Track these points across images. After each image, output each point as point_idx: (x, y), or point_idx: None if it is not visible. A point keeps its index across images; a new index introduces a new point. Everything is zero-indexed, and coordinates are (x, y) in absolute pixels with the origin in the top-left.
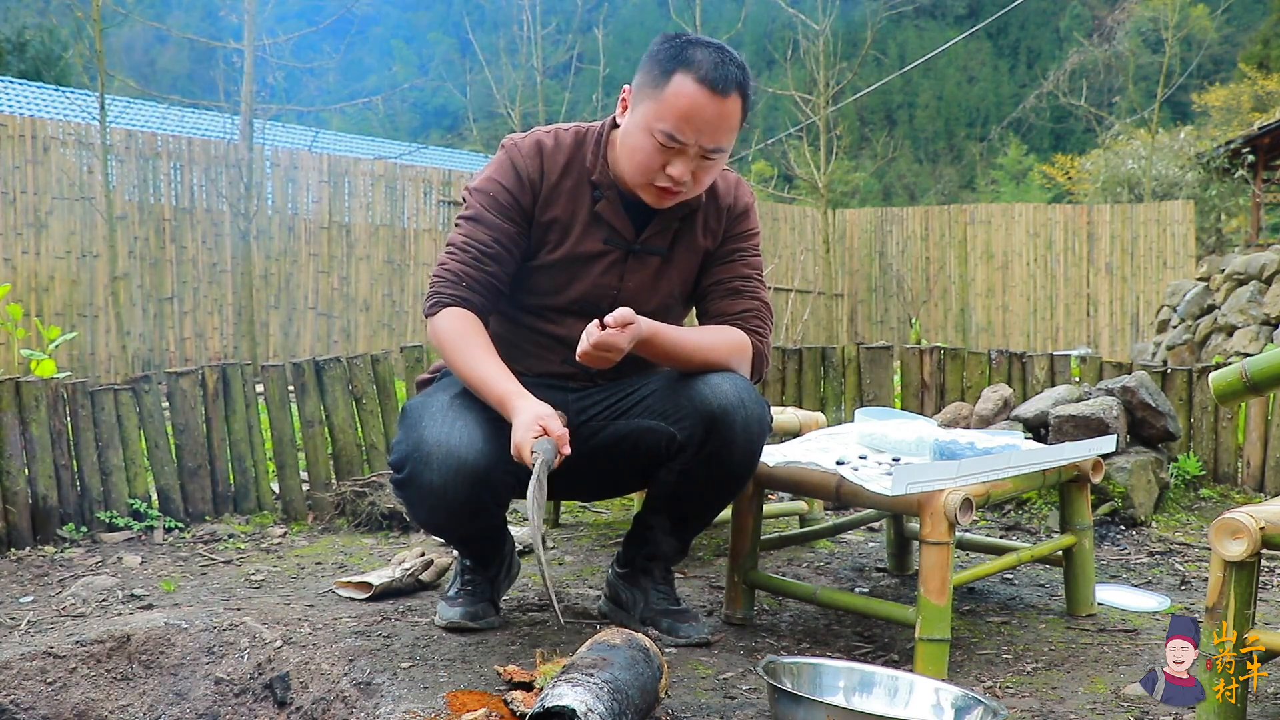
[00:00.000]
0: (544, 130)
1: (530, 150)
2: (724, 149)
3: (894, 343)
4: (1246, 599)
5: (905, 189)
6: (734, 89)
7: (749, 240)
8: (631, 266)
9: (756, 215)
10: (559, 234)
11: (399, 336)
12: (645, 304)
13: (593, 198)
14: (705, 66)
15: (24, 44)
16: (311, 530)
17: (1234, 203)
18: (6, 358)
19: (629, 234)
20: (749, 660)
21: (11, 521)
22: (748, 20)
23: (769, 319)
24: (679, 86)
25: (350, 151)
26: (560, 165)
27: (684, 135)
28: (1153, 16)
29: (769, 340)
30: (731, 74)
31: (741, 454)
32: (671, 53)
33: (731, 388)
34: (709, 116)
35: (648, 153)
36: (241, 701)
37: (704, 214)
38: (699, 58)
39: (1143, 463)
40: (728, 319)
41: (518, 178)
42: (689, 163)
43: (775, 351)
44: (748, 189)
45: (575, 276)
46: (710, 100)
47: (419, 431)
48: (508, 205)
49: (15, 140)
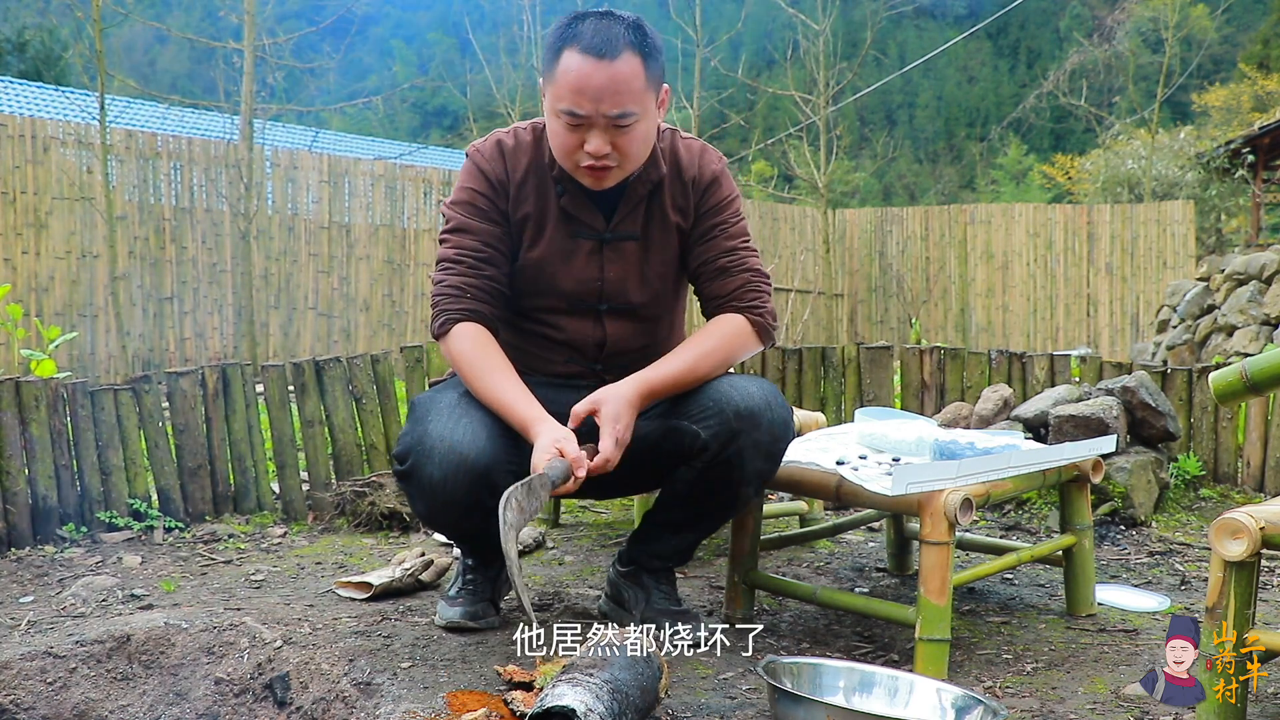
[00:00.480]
0: (504, 131)
1: (492, 153)
2: (632, 112)
3: (894, 343)
4: (1246, 599)
5: (905, 189)
6: (622, 49)
7: (726, 210)
8: (609, 256)
9: (729, 180)
10: (534, 231)
11: (399, 336)
12: (633, 294)
13: (556, 193)
14: (587, 35)
15: (24, 44)
16: (311, 530)
17: (1234, 203)
18: (6, 358)
19: (598, 224)
20: (749, 660)
21: (11, 521)
22: (748, 20)
23: (764, 286)
24: (566, 63)
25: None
26: (524, 164)
27: (582, 108)
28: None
29: (768, 306)
30: (616, 34)
31: (765, 455)
32: (558, 32)
33: (758, 390)
34: (600, 83)
35: (561, 136)
36: (241, 701)
37: (670, 190)
38: (581, 29)
39: (1143, 463)
40: (721, 302)
41: (487, 181)
42: (603, 135)
43: (775, 352)
44: (714, 155)
45: (556, 273)
46: (597, 67)
47: (424, 425)
48: (487, 209)
49: (15, 140)
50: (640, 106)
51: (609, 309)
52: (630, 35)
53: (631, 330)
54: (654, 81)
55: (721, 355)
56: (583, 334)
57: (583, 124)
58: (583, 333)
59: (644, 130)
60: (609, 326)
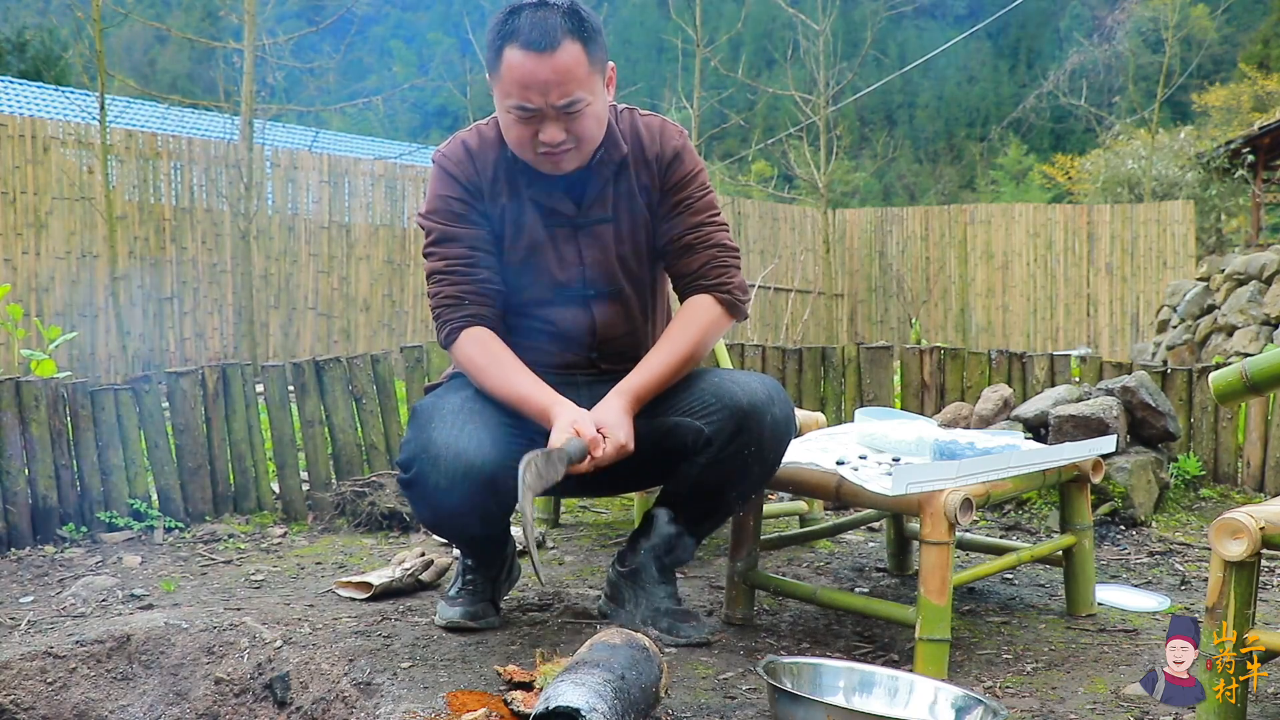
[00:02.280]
0: (466, 131)
1: (459, 155)
2: (580, 98)
3: (894, 343)
4: (1246, 599)
5: (905, 189)
6: (561, 39)
7: (691, 185)
8: (585, 241)
9: (692, 154)
10: (512, 227)
11: (399, 336)
12: (615, 276)
13: (525, 185)
14: (524, 31)
15: (24, 44)
16: (311, 530)
17: (1234, 203)
18: (6, 358)
19: (570, 210)
20: (749, 660)
21: (11, 521)
22: (748, 20)
23: (730, 260)
24: (508, 60)
25: (350, 151)
26: (491, 161)
27: (531, 102)
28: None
29: (735, 281)
30: (553, 25)
31: (769, 451)
32: (496, 30)
33: (760, 385)
34: (545, 76)
35: (514, 129)
36: (241, 701)
37: (633, 169)
38: (518, 24)
39: (1143, 463)
40: (689, 280)
41: (460, 185)
42: (555, 123)
43: (775, 352)
44: (675, 130)
45: (537, 265)
46: (539, 61)
47: (428, 432)
48: (465, 212)
49: (15, 140)
50: (588, 91)
51: (595, 294)
52: (567, 23)
53: (619, 313)
54: (598, 63)
55: (695, 342)
56: (573, 323)
57: (534, 116)
58: (573, 321)
59: (595, 111)
60: (597, 312)
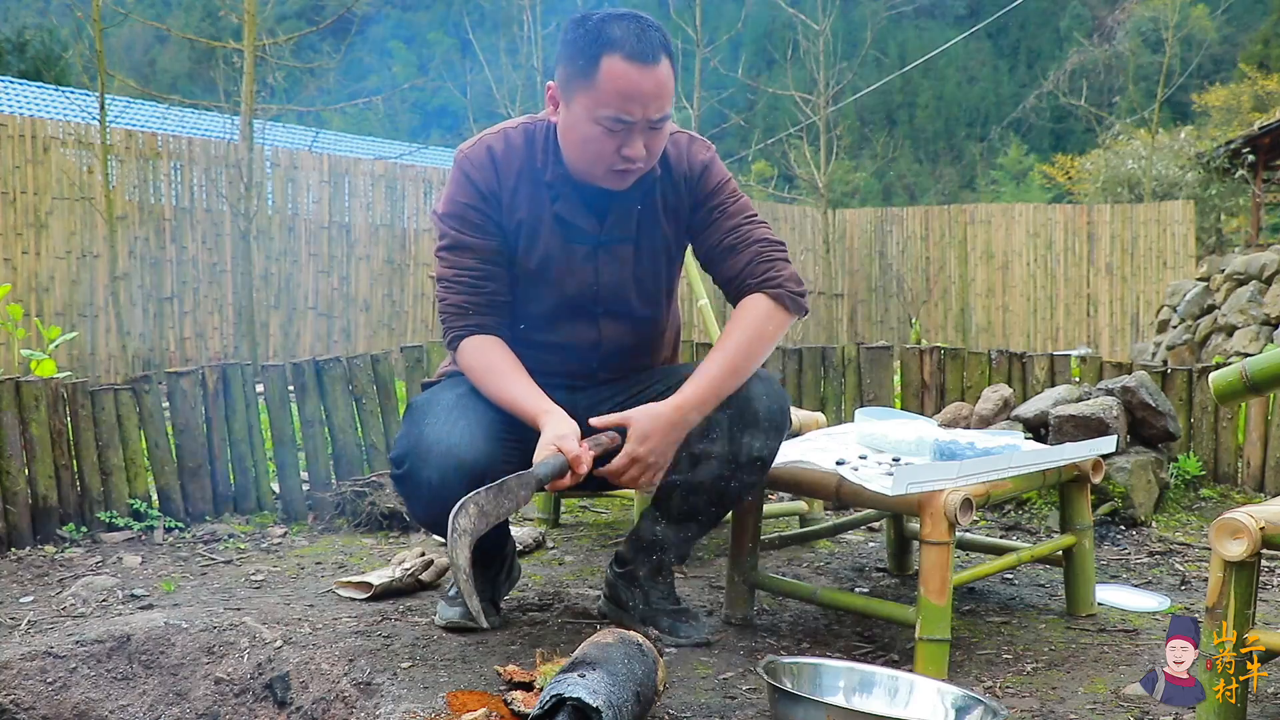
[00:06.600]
0: (493, 134)
1: (483, 161)
2: (668, 115)
3: (894, 343)
4: (1246, 599)
5: (905, 189)
6: (661, 54)
7: (722, 192)
8: (604, 260)
9: (720, 166)
10: (527, 239)
11: (399, 336)
12: (629, 297)
13: (550, 199)
14: (629, 42)
15: (24, 44)
16: (311, 530)
17: (1234, 203)
18: (6, 358)
19: (592, 228)
20: (749, 660)
21: (11, 521)
22: (748, 20)
23: (776, 253)
24: (610, 69)
25: (350, 151)
26: (515, 170)
27: (631, 114)
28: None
29: (786, 273)
30: (654, 39)
31: (762, 445)
32: (590, 37)
33: (755, 380)
34: (649, 89)
35: (600, 142)
36: (241, 701)
37: (661, 191)
38: (618, 34)
39: (1143, 463)
40: (737, 281)
41: (478, 192)
42: (640, 138)
43: (775, 352)
44: (702, 145)
45: (552, 280)
46: (643, 73)
47: (420, 428)
48: (480, 222)
49: (15, 140)
50: (671, 108)
51: (604, 312)
52: (660, 38)
53: (626, 331)
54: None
55: (749, 343)
56: (579, 337)
57: (627, 129)
58: (579, 336)
59: (669, 129)
60: (605, 329)
